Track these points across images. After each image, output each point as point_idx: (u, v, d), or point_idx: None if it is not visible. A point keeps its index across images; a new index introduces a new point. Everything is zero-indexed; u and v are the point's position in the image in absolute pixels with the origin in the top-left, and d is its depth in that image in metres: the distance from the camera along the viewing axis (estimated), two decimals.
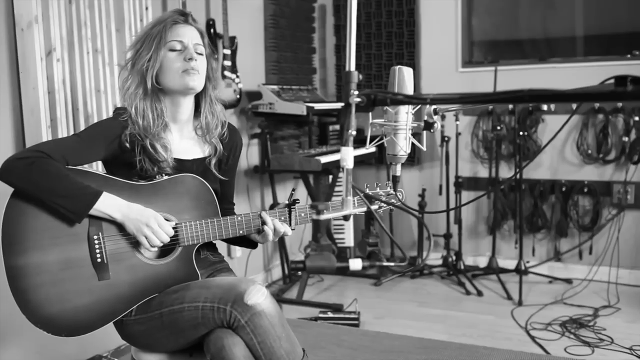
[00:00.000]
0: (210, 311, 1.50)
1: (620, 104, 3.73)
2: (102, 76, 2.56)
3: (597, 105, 3.77)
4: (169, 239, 1.57)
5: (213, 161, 1.76)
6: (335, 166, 3.63)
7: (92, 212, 1.51)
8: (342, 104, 1.08)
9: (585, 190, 3.87)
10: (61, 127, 2.39)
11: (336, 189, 3.94)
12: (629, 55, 3.73)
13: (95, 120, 2.53)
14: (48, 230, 1.51)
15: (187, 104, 1.72)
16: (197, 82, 1.67)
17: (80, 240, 1.54)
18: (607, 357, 2.79)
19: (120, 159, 1.64)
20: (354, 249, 4.26)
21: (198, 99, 1.75)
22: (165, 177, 1.64)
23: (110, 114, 2.57)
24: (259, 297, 1.50)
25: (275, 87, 3.75)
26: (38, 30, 2.27)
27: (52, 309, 1.51)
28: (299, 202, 1.71)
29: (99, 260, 1.54)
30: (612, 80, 0.85)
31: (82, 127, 2.49)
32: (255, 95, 3.71)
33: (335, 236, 4.21)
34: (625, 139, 3.72)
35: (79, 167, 1.58)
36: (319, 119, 4.21)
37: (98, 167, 2.00)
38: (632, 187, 3.76)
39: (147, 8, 2.76)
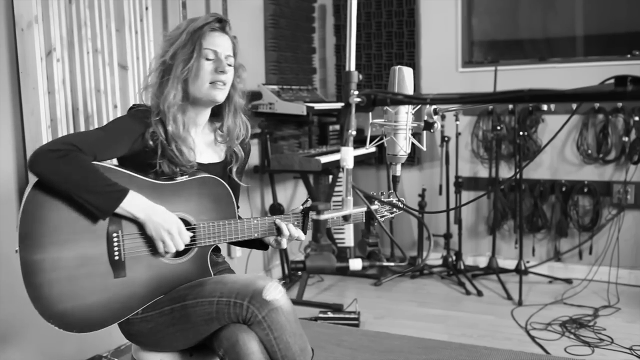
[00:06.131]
0: (226, 306, 1.51)
1: (620, 104, 3.73)
2: (102, 76, 2.56)
3: (597, 105, 3.77)
4: (184, 247, 1.58)
5: (234, 169, 1.78)
6: (335, 166, 3.63)
7: (117, 210, 1.50)
8: (342, 104, 1.08)
9: (585, 190, 3.87)
10: (61, 127, 2.39)
11: (336, 189, 3.94)
12: (629, 55, 3.74)
13: (95, 121, 2.53)
14: (66, 226, 1.50)
15: (207, 111, 1.75)
16: (223, 95, 1.70)
17: (98, 237, 1.53)
18: (607, 357, 2.79)
19: (139, 157, 1.63)
20: (354, 249, 4.26)
21: (220, 105, 1.76)
22: (186, 178, 1.64)
23: (111, 114, 2.58)
24: (277, 293, 1.52)
25: (275, 87, 3.75)
26: (38, 30, 2.27)
27: (65, 305, 1.51)
28: None
29: (116, 258, 1.54)
30: (612, 80, 0.85)
31: (82, 127, 2.48)
32: (255, 95, 3.71)
33: (335, 236, 4.21)
34: (625, 139, 3.72)
35: (105, 163, 1.56)
36: (319, 119, 4.21)
37: None
38: (632, 187, 3.76)
39: (147, 8, 2.76)
